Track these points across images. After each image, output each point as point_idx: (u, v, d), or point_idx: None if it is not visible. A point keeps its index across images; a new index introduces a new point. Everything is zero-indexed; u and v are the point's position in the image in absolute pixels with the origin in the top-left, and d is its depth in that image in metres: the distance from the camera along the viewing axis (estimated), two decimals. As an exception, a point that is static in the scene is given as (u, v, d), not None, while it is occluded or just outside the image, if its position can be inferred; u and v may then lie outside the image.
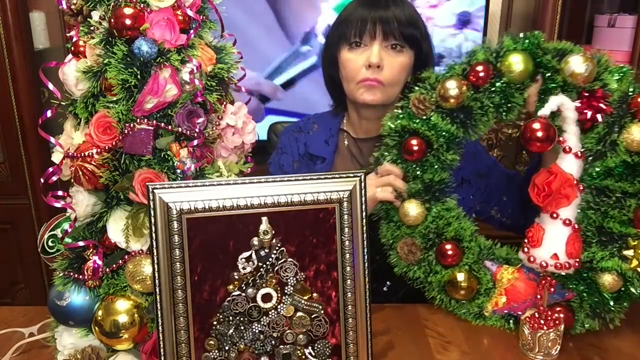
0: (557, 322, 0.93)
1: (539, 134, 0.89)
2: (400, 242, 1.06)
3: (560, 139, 0.91)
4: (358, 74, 1.16)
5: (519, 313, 0.98)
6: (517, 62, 0.96)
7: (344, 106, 1.31)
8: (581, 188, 0.92)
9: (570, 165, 0.91)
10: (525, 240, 0.95)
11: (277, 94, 2.24)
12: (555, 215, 0.91)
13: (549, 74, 0.97)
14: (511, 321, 1.03)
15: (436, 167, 1.04)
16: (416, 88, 1.04)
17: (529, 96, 1.00)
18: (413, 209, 1.03)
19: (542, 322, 0.93)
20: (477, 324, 1.05)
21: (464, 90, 0.98)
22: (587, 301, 0.98)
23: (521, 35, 0.98)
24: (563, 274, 0.94)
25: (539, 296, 0.95)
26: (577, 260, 0.92)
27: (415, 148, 1.02)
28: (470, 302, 1.05)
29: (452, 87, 0.98)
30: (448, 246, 1.04)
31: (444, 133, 1.02)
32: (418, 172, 1.04)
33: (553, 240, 0.92)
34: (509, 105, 0.99)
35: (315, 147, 1.30)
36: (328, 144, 1.29)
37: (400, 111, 1.05)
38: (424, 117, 1.02)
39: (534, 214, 0.97)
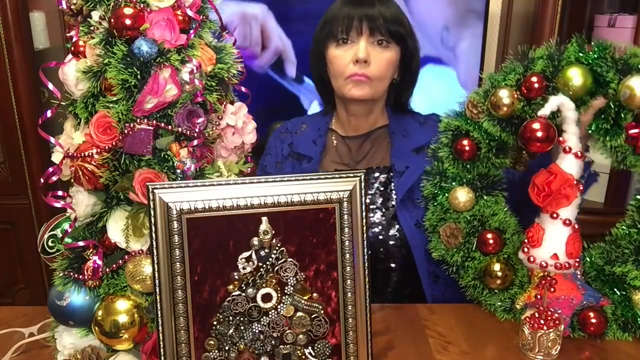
0: (557, 322, 0.93)
1: (539, 134, 0.89)
2: (444, 225, 1.08)
3: (560, 139, 0.91)
4: (346, 70, 1.18)
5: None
6: (575, 76, 0.91)
7: (333, 105, 1.32)
8: (581, 188, 0.92)
9: (570, 165, 0.91)
10: (525, 241, 0.95)
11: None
12: (555, 215, 0.91)
13: (610, 93, 0.93)
14: None
15: (487, 165, 1.06)
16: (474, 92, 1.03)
17: (584, 114, 0.95)
18: (463, 195, 1.05)
19: (542, 322, 0.93)
20: (504, 317, 1.06)
21: (516, 102, 0.96)
22: (619, 311, 1.00)
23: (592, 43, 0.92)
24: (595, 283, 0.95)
25: (539, 296, 0.95)
26: (577, 260, 0.92)
27: (467, 149, 1.03)
28: (502, 292, 1.07)
29: (504, 96, 0.96)
30: (489, 235, 1.05)
31: (494, 139, 1.02)
32: (468, 167, 1.06)
33: (553, 241, 0.92)
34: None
35: (303, 146, 1.31)
36: (316, 144, 1.30)
37: (458, 110, 1.06)
38: (477, 121, 1.02)
39: (530, 212, 0.98)
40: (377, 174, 1.25)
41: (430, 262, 1.20)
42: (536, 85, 0.94)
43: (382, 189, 1.24)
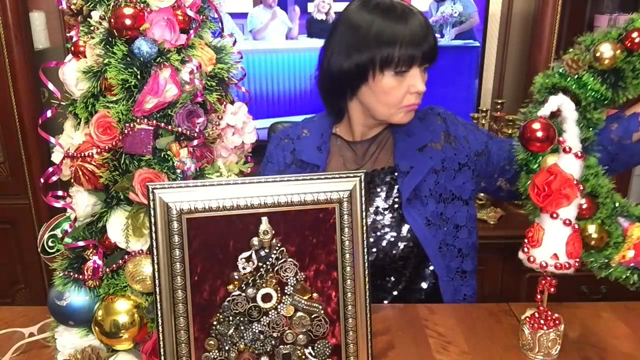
0: (557, 322, 0.93)
1: (539, 134, 0.89)
2: None
3: (560, 139, 0.91)
4: (403, 100, 1.16)
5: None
6: None
7: (341, 115, 1.28)
8: (581, 188, 0.92)
9: (570, 165, 0.91)
10: (525, 240, 0.95)
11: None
12: (555, 215, 0.91)
13: None
14: (635, 275, 1.03)
15: (581, 125, 1.04)
16: (570, 50, 1.06)
17: None
18: (552, 161, 1.04)
19: (542, 322, 0.93)
20: (601, 275, 1.04)
21: (618, 54, 0.99)
22: None
23: None
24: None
25: (539, 296, 0.95)
26: (577, 260, 0.92)
27: None
28: (598, 252, 1.06)
29: (607, 49, 0.99)
30: (583, 200, 1.04)
31: (593, 92, 1.03)
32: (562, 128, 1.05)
33: (553, 241, 0.92)
34: None
35: (307, 154, 1.27)
36: (321, 151, 1.26)
37: (552, 70, 1.06)
38: (576, 76, 1.03)
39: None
40: (382, 176, 1.24)
41: (446, 257, 1.19)
42: (637, 40, 0.97)
43: (387, 190, 1.23)
